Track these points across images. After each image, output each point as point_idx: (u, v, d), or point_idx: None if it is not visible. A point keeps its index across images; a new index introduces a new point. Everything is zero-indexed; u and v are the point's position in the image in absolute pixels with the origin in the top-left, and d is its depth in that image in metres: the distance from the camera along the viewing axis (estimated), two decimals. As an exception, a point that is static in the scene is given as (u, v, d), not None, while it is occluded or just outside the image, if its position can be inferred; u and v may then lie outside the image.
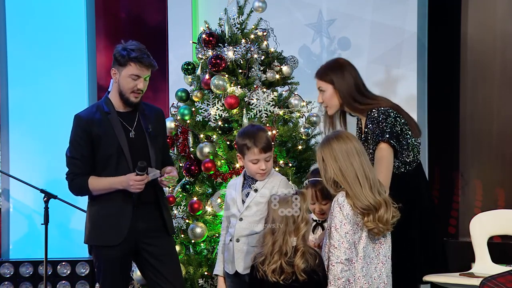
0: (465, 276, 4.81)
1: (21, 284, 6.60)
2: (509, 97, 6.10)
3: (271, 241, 4.10)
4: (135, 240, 4.59)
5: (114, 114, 4.60)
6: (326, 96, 4.75)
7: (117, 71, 4.58)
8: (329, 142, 4.16)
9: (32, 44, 6.84)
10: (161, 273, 4.63)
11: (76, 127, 4.62)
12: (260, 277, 4.11)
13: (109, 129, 4.56)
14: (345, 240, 4.05)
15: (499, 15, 6.17)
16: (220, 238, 4.71)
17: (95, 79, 7.00)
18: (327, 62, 4.85)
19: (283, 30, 5.84)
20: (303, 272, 4.06)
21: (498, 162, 6.16)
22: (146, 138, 4.64)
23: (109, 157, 4.56)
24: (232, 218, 4.58)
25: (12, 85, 6.85)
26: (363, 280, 4.08)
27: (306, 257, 4.08)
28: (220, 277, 4.65)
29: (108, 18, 7.10)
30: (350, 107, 4.73)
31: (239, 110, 5.41)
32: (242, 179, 4.61)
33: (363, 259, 4.09)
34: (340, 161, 4.10)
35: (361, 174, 4.08)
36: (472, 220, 5.15)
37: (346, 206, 4.08)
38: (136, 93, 4.58)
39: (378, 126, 4.59)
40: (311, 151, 5.48)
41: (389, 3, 6.07)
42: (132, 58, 4.53)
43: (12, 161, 6.81)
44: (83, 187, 4.60)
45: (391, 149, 4.56)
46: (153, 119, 4.70)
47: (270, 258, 4.08)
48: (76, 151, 4.60)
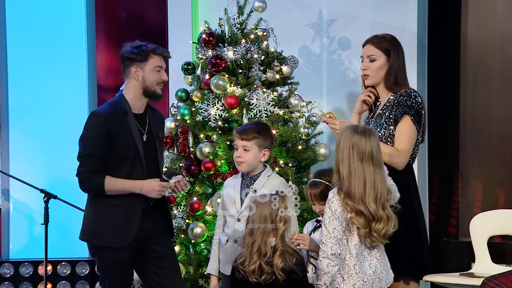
0: (465, 276, 4.82)
1: (21, 284, 6.60)
2: (509, 97, 6.10)
3: (250, 242, 4.11)
4: (141, 241, 4.57)
5: (131, 114, 4.57)
6: (375, 65, 4.69)
7: (138, 68, 4.56)
8: (357, 133, 4.10)
9: (32, 44, 6.83)
10: (161, 273, 4.61)
11: (95, 124, 4.50)
12: (241, 278, 4.12)
13: (127, 130, 4.52)
14: (332, 235, 4.06)
15: (499, 15, 6.17)
16: (215, 236, 4.69)
17: (95, 79, 7.00)
18: (382, 33, 4.76)
19: (283, 30, 5.84)
20: (282, 271, 4.08)
21: (498, 162, 6.16)
22: (156, 143, 4.63)
23: (125, 158, 4.51)
24: (229, 218, 4.57)
25: (12, 85, 6.84)
26: (356, 277, 4.09)
27: (285, 257, 4.11)
28: (213, 276, 4.63)
29: (108, 18, 7.10)
30: (387, 85, 4.68)
31: (239, 110, 5.41)
32: (241, 179, 4.62)
33: (356, 256, 4.10)
34: (353, 159, 4.08)
35: (371, 182, 4.05)
36: (472, 220, 5.15)
37: (335, 202, 4.08)
38: (161, 84, 4.60)
39: (408, 99, 4.57)
40: (311, 151, 5.48)
41: (389, 3, 6.07)
42: (153, 50, 4.56)
43: (12, 161, 6.80)
44: (98, 186, 4.49)
45: (414, 125, 4.56)
46: (158, 124, 4.71)
47: (250, 258, 4.09)
48: (93, 148, 4.48)
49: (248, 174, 4.59)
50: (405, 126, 4.55)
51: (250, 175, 4.59)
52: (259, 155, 4.54)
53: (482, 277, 4.44)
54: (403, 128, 4.55)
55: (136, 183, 4.50)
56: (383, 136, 4.58)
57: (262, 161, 4.58)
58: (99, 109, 4.62)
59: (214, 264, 4.63)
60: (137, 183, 4.50)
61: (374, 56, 4.69)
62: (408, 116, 4.54)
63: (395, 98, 4.63)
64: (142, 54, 4.55)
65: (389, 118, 4.59)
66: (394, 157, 4.49)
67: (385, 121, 4.60)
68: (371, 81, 4.74)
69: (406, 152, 4.50)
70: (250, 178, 4.58)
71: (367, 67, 4.72)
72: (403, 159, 4.49)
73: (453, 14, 6.28)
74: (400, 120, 4.56)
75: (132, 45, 4.60)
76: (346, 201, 4.05)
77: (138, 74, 4.57)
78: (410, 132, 4.55)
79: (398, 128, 4.56)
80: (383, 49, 4.68)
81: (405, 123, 4.55)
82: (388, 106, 4.64)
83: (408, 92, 4.62)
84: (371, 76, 4.71)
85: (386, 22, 6.02)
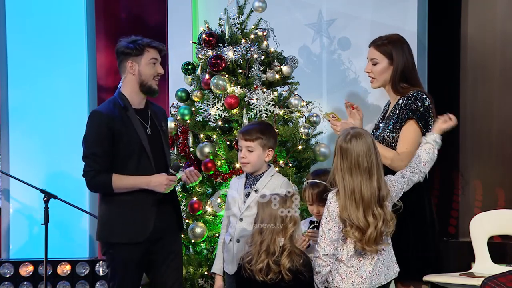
0: (465, 276, 4.81)
1: (21, 284, 6.59)
2: (509, 97, 6.10)
3: (259, 241, 4.11)
4: (153, 238, 4.56)
5: (132, 110, 4.58)
6: (377, 69, 4.68)
7: (134, 62, 4.58)
8: (345, 141, 4.12)
9: (32, 44, 6.83)
10: (162, 272, 4.62)
11: (96, 122, 4.51)
12: (247, 277, 4.12)
13: (130, 126, 4.53)
14: (327, 236, 4.08)
15: (499, 15, 6.17)
16: (220, 237, 4.71)
17: (95, 79, 6.99)
18: (387, 35, 4.72)
19: (283, 30, 5.84)
20: (289, 271, 4.09)
21: (498, 162, 6.16)
22: (161, 135, 4.63)
23: (131, 154, 4.51)
24: (232, 218, 4.58)
25: (12, 85, 6.84)
26: (354, 275, 4.11)
27: (292, 257, 4.11)
28: (218, 275, 4.64)
29: (108, 18, 7.10)
30: (394, 87, 4.67)
31: (239, 110, 5.41)
32: (245, 179, 4.62)
33: (355, 254, 4.12)
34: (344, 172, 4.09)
35: (358, 192, 4.07)
36: (472, 220, 5.15)
37: (333, 203, 4.10)
38: (157, 79, 4.61)
39: (414, 103, 4.56)
40: (311, 151, 5.48)
41: (389, 3, 6.07)
42: (148, 43, 4.59)
43: (12, 161, 6.80)
44: (106, 185, 4.49)
45: (419, 129, 4.55)
46: (161, 117, 4.71)
47: (257, 257, 4.09)
48: (97, 147, 4.48)
49: (252, 174, 4.60)
50: (409, 129, 4.55)
51: (253, 175, 4.59)
52: (263, 155, 4.55)
53: (482, 277, 4.44)
54: (407, 132, 4.55)
55: (144, 179, 4.50)
56: (391, 141, 4.58)
57: (266, 161, 4.58)
58: (99, 107, 4.63)
59: (219, 264, 4.64)
60: (144, 178, 4.50)
61: (376, 59, 4.68)
62: (413, 120, 4.54)
63: (402, 102, 4.61)
64: (137, 48, 4.57)
65: (397, 122, 4.59)
66: (395, 161, 4.50)
67: (393, 125, 4.60)
68: (376, 84, 4.74)
69: (407, 156, 4.50)
70: (254, 178, 4.59)
71: (370, 70, 4.71)
72: (403, 163, 4.48)
73: (453, 14, 6.28)
74: (405, 124, 4.56)
75: (128, 40, 4.62)
76: (343, 214, 4.07)
77: (134, 69, 4.58)
78: (413, 135, 4.54)
79: (402, 131, 4.56)
80: (384, 53, 4.65)
81: (409, 127, 4.55)
82: (396, 110, 4.63)
83: (415, 94, 4.59)
84: (376, 79, 4.71)
85: (386, 22, 6.01)
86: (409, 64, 4.66)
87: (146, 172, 4.51)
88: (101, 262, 6.56)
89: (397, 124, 4.58)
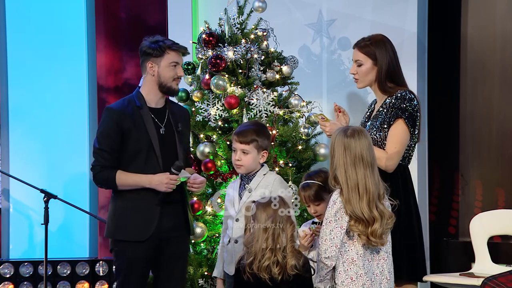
0: (465, 276, 4.82)
1: (21, 284, 6.59)
2: (509, 97, 6.10)
3: (263, 239, 4.11)
4: (159, 238, 4.57)
5: (146, 109, 4.60)
6: (362, 70, 4.71)
7: (154, 64, 4.60)
8: (347, 136, 4.11)
9: (32, 44, 6.83)
10: (166, 275, 4.61)
11: (108, 119, 4.57)
12: (247, 280, 4.11)
13: (141, 124, 4.55)
14: (329, 238, 4.07)
15: (499, 15, 6.18)
16: (221, 240, 4.72)
17: (95, 79, 6.99)
18: (370, 35, 4.77)
19: (283, 30, 5.84)
20: (291, 271, 4.08)
21: (498, 162, 6.16)
22: (175, 136, 4.65)
23: (139, 152, 4.54)
24: (229, 219, 4.60)
25: (12, 85, 6.84)
26: (365, 277, 4.09)
27: (294, 257, 4.11)
28: (219, 279, 4.65)
29: (108, 18, 7.10)
30: (380, 87, 4.69)
31: (239, 110, 5.41)
32: (240, 180, 4.64)
33: (363, 256, 4.10)
34: (347, 165, 4.09)
35: (362, 185, 4.06)
36: (472, 220, 5.16)
37: (337, 204, 4.09)
38: (178, 80, 4.65)
39: (402, 102, 4.58)
40: (311, 151, 5.48)
41: (389, 3, 6.07)
42: (170, 46, 4.61)
43: (12, 161, 6.80)
44: (110, 180, 4.54)
45: (407, 128, 4.55)
46: (181, 118, 4.73)
47: (261, 256, 4.08)
48: (105, 143, 4.54)
49: (245, 175, 4.61)
50: (397, 129, 4.56)
51: (247, 175, 4.62)
52: (258, 157, 4.57)
53: (482, 277, 4.45)
54: (395, 131, 4.57)
55: (146, 177, 4.52)
56: (378, 140, 4.59)
57: (260, 163, 4.60)
58: (113, 104, 4.70)
59: (219, 267, 4.65)
60: (146, 177, 4.52)
61: (360, 61, 4.73)
62: (401, 119, 4.56)
63: (390, 101, 4.63)
64: (158, 50, 4.60)
65: (384, 121, 4.60)
66: (384, 160, 4.50)
67: (380, 124, 4.61)
68: (361, 85, 4.79)
69: (395, 155, 4.51)
70: (247, 178, 4.61)
71: (355, 72, 4.74)
72: (392, 162, 4.50)
73: (453, 14, 6.28)
74: (393, 123, 4.57)
75: (151, 40, 4.64)
76: (347, 208, 4.06)
77: (153, 70, 4.61)
78: (402, 135, 4.56)
79: (390, 131, 4.57)
80: (368, 54, 4.70)
81: (397, 126, 4.57)
82: (384, 109, 4.64)
83: (403, 94, 4.62)
84: (360, 80, 4.76)
85: (386, 22, 6.02)
86: (393, 63, 4.70)
87: (153, 171, 4.53)
88: (101, 262, 6.56)
89: (385, 123, 4.59)
